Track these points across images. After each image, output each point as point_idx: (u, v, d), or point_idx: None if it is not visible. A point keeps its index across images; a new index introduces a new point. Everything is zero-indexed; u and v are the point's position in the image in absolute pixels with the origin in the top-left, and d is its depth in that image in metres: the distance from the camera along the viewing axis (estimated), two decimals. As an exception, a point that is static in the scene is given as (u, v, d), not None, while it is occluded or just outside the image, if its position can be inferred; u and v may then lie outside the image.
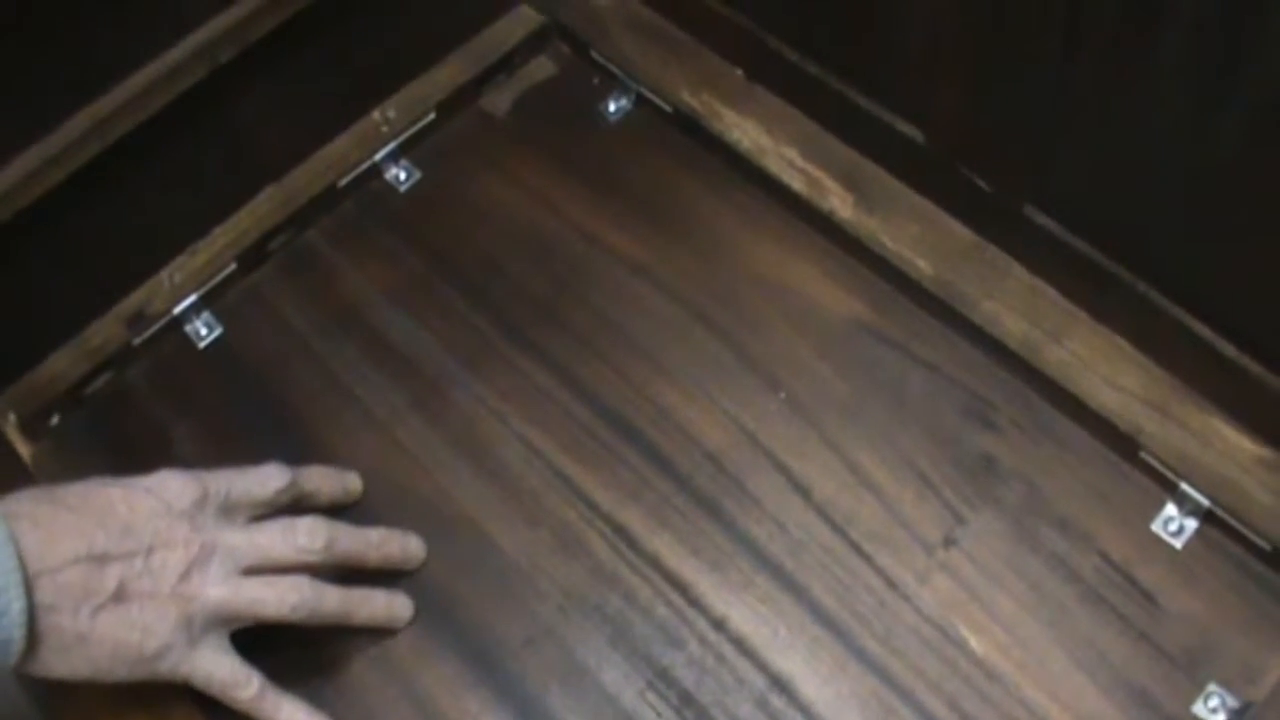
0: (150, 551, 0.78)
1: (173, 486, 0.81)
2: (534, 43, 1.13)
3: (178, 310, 1.02)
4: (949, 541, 0.87)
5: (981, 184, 0.91)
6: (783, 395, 0.94)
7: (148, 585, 0.77)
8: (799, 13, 0.96)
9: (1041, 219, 0.88)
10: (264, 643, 0.84)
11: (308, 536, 0.84)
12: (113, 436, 0.99)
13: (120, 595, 0.76)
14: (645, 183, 1.05)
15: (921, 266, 0.95)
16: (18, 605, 0.71)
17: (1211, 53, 0.67)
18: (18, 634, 0.71)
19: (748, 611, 0.87)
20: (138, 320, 1.01)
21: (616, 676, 0.86)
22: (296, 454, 0.92)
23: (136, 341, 1.01)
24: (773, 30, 0.99)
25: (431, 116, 1.09)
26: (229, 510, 0.83)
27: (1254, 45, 0.64)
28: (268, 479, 0.86)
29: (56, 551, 0.74)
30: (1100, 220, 0.85)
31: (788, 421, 0.93)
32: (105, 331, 1.01)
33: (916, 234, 0.96)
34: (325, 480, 0.91)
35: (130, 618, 0.77)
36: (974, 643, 0.84)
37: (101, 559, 0.76)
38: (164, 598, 0.78)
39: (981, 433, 0.91)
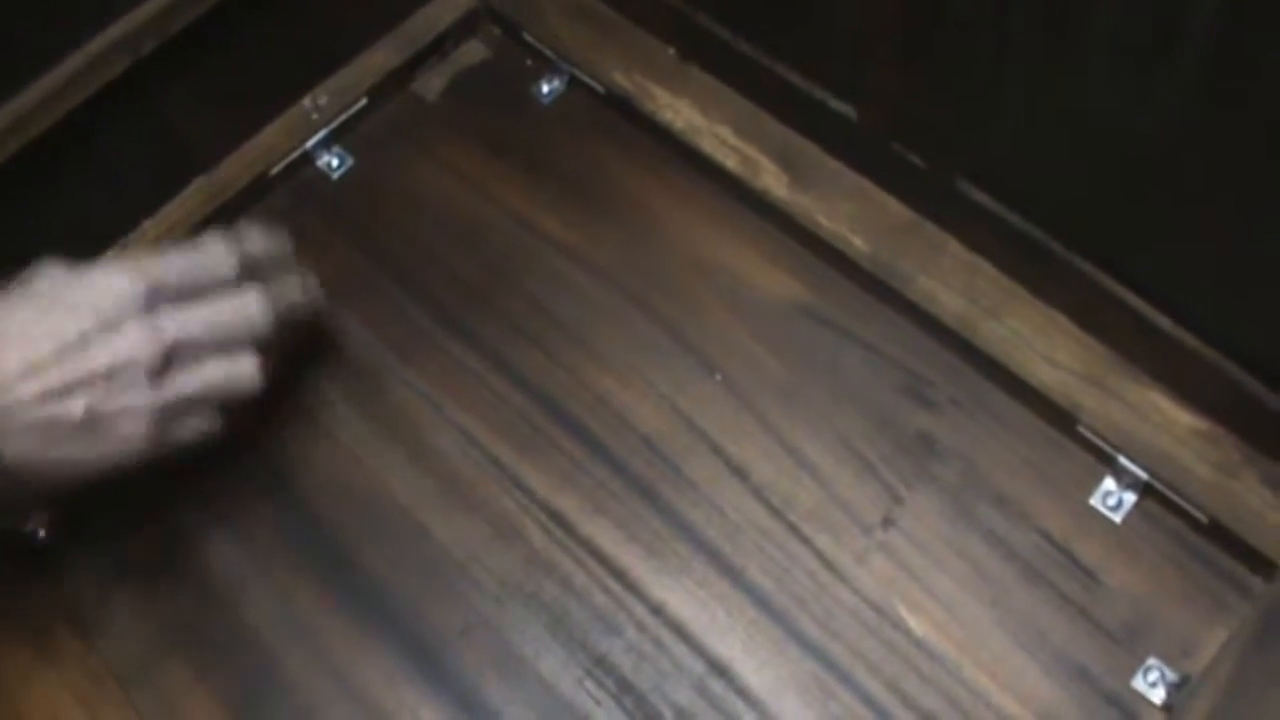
0: (110, 374, 0.79)
1: (117, 289, 0.80)
2: (466, 25, 1.13)
3: None
4: (887, 522, 0.87)
5: (915, 160, 0.91)
6: (719, 378, 0.94)
7: (116, 404, 0.79)
8: None
9: (976, 194, 0.88)
10: (193, 639, 0.86)
11: (259, 310, 0.86)
12: None
13: (89, 423, 0.78)
14: (579, 165, 1.05)
15: (857, 244, 0.95)
16: None
17: (1145, 25, 0.66)
18: None
19: (685, 596, 0.87)
20: None
21: (554, 664, 0.86)
22: (226, 442, 0.90)
23: None
24: (704, 8, 0.99)
25: (363, 102, 1.09)
26: (184, 297, 0.83)
27: (1186, 15, 0.64)
28: (219, 263, 0.86)
29: (13, 391, 0.76)
30: (1035, 194, 0.85)
31: (724, 404, 0.93)
32: None
33: (852, 212, 0.96)
34: (262, 241, 0.91)
35: (103, 440, 0.79)
36: (913, 623, 0.84)
37: (63, 391, 0.77)
38: (136, 412, 0.80)
39: (919, 411, 0.91)
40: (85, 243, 0.99)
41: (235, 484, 0.95)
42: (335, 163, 1.08)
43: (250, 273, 0.87)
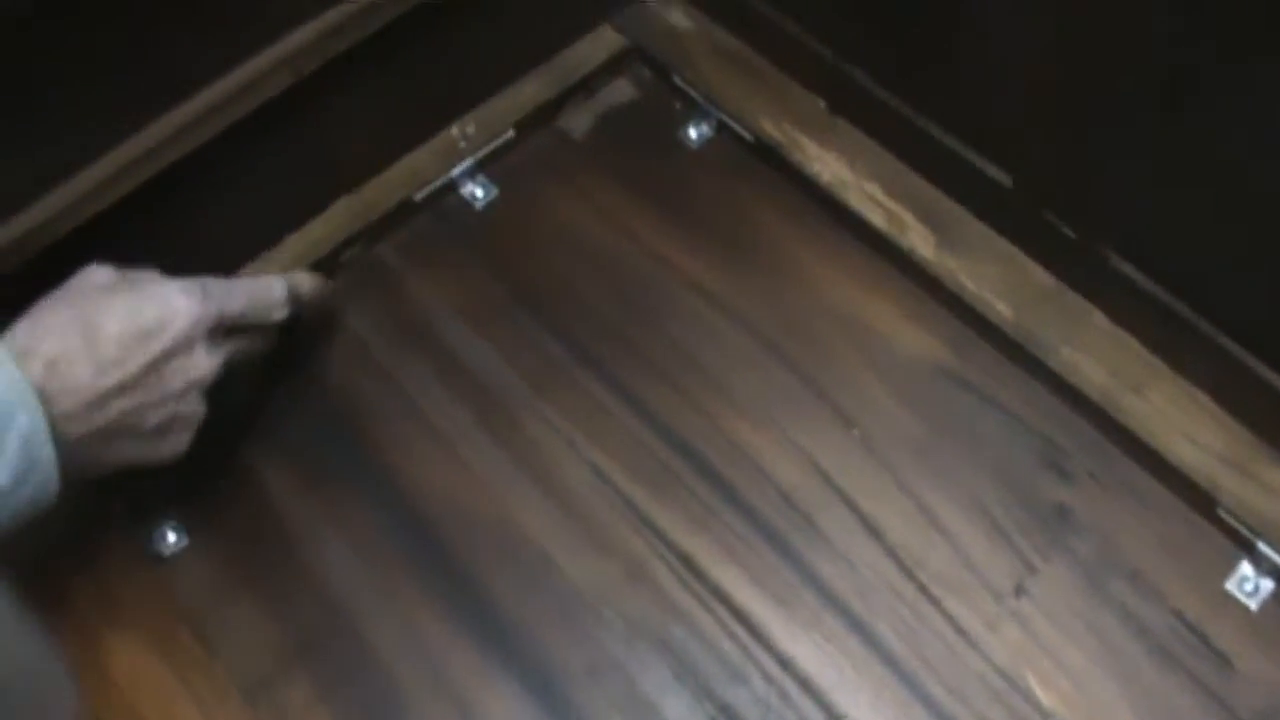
0: (182, 394, 0.84)
1: (189, 312, 0.84)
2: (615, 65, 1.14)
3: None
4: (1020, 590, 0.87)
5: (1066, 230, 0.91)
6: (856, 433, 0.94)
7: (177, 416, 0.85)
8: (885, 47, 0.97)
9: (1126, 268, 0.88)
10: (314, 656, 0.88)
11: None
12: None
13: (156, 432, 0.84)
14: (723, 211, 1.05)
15: (1001, 310, 0.95)
16: (47, 452, 0.76)
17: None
18: (52, 485, 0.77)
19: (814, 650, 0.87)
20: None
21: (680, 710, 0.86)
22: (357, 467, 0.96)
23: None
24: (857, 63, 1.00)
25: (510, 134, 1.10)
26: (238, 326, 0.89)
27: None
28: (273, 306, 0.92)
29: (78, 395, 0.79)
30: (1186, 272, 0.85)
31: (860, 460, 0.93)
32: None
33: (997, 276, 0.96)
34: (307, 281, 0.97)
35: (160, 445, 0.85)
36: (1041, 695, 0.84)
37: (140, 407, 0.82)
38: (190, 421, 0.86)
39: (1056, 481, 0.91)
40: (226, 252, 1.03)
41: (360, 501, 0.96)
42: (479, 192, 1.09)
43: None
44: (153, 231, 0.94)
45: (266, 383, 1.00)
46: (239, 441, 0.99)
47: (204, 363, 0.85)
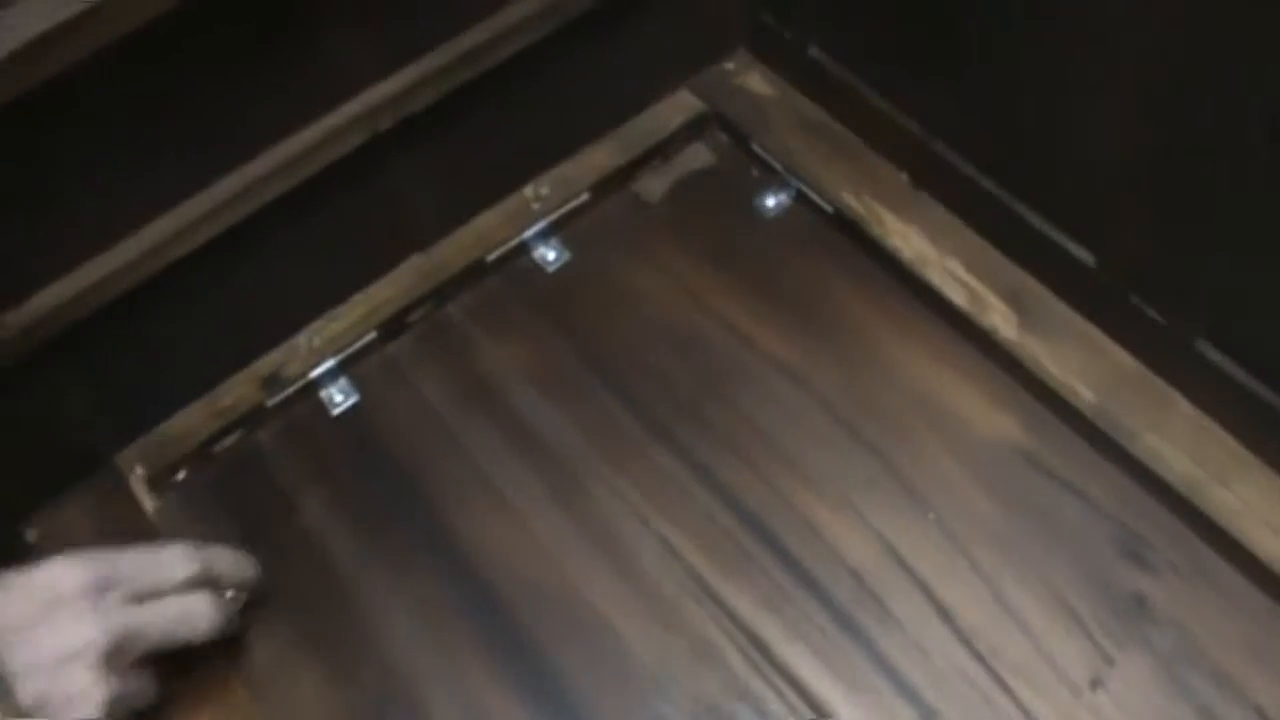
0: (58, 661, 0.79)
1: (68, 582, 0.81)
2: (692, 130, 1.14)
3: (314, 374, 1.03)
4: (1096, 683, 0.86)
5: (1154, 314, 0.90)
6: (932, 516, 0.93)
7: (63, 690, 0.79)
8: (971, 122, 0.97)
9: (1216, 356, 0.87)
10: None
11: (206, 620, 0.87)
12: (238, 497, 1.00)
13: (38, 708, 0.78)
14: (800, 283, 1.05)
15: (1084, 394, 0.94)
16: None
17: None
18: None
19: (885, 738, 0.86)
20: (272, 382, 1.02)
21: (747, 793, 0.85)
22: (421, 535, 0.95)
23: (270, 403, 1.02)
24: (942, 137, 1.00)
25: (584, 197, 1.10)
26: (134, 597, 0.84)
27: None
28: (175, 568, 0.86)
29: None
30: (1277, 359, 0.84)
31: (936, 543, 0.92)
32: (238, 390, 1.02)
33: (1080, 360, 0.95)
34: (230, 566, 0.91)
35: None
36: (1118, 792, 0.83)
37: (11, 676, 0.78)
38: (85, 696, 0.80)
39: (1136, 572, 0.90)
40: (290, 309, 1.04)
41: (425, 570, 0.95)
42: (552, 255, 1.09)
43: (207, 584, 0.88)
44: (216, 287, 0.96)
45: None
46: (299, 503, 0.99)
47: (79, 627, 0.80)
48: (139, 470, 1.00)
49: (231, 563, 0.90)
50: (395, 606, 0.94)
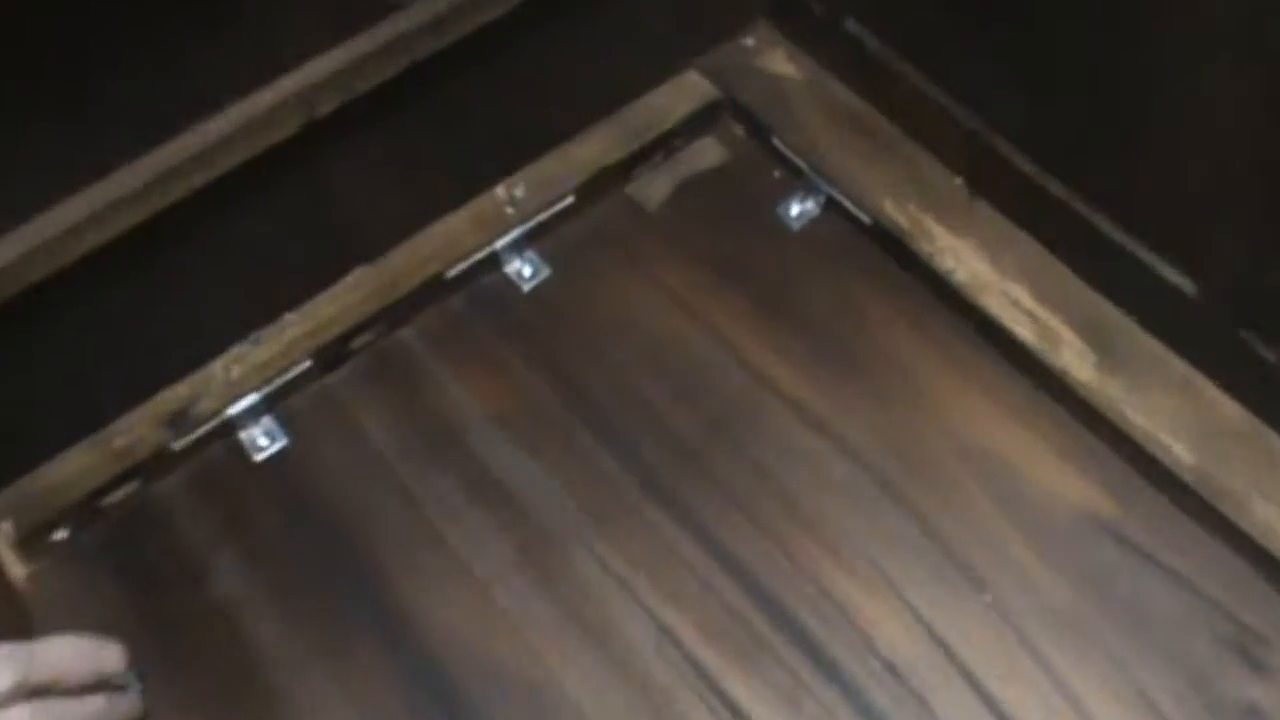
0: None
1: None
2: (702, 120, 1.07)
3: (232, 412, 0.95)
4: (1196, 814, 0.77)
5: (1266, 353, 0.83)
6: (988, 598, 0.85)
7: None
8: (1043, 115, 0.90)
9: (1344, 407, 0.79)
10: None
11: None
12: (132, 561, 0.92)
13: None
14: (829, 310, 0.98)
15: (1177, 451, 0.87)
16: None
17: None
18: None
19: None
20: (179, 420, 0.95)
21: None
22: (362, 608, 0.88)
23: (176, 445, 0.94)
24: (1006, 133, 0.93)
25: (569, 201, 1.03)
26: None
27: None
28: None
29: None
30: None
31: (990, 631, 0.84)
32: (137, 429, 0.94)
33: (1174, 409, 0.88)
34: (75, 660, 0.80)
35: None
36: None
37: None
38: None
39: (1245, 673, 0.81)
40: (207, 330, 0.96)
41: (365, 648, 0.87)
42: (528, 271, 1.02)
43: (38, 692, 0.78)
44: (111, 302, 0.88)
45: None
46: (211, 567, 0.92)
47: None
48: (6, 527, 0.92)
49: (73, 654, 0.79)
50: (329, 697, 0.86)
